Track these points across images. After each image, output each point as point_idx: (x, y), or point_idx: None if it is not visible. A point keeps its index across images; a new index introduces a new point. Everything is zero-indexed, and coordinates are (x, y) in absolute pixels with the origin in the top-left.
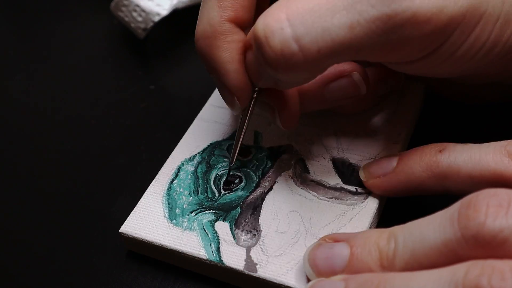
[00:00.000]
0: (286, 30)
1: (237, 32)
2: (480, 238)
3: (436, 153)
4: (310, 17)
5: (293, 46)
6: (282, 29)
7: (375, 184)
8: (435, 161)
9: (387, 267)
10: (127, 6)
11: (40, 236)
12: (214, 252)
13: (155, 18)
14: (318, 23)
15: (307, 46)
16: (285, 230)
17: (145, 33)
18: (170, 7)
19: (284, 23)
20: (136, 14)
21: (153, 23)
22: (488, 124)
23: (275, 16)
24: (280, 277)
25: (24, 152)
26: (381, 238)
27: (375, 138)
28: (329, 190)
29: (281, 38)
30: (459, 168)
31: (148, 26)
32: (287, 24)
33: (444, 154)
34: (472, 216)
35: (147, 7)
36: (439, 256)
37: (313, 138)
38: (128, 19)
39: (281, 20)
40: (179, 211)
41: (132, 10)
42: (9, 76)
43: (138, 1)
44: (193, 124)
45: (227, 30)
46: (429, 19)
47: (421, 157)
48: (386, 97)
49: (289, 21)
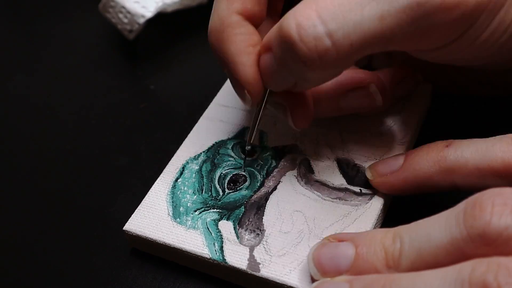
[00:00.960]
0: (319, 27)
1: (246, 25)
2: (486, 236)
3: (442, 148)
4: (340, 12)
5: (326, 42)
6: (315, 26)
7: (382, 182)
8: (442, 155)
9: (393, 266)
10: (113, 8)
11: (39, 236)
12: (218, 251)
13: (140, 20)
14: (348, 17)
15: (340, 41)
16: (288, 230)
17: (132, 35)
18: (155, 9)
19: (316, 20)
20: (122, 15)
21: (138, 25)
22: (494, 124)
23: (306, 14)
24: (283, 277)
25: (24, 152)
26: (386, 238)
27: (380, 139)
28: (334, 191)
29: (315, 35)
30: (467, 161)
31: (134, 28)
32: (319, 21)
33: (450, 148)
34: (478, 215)
35: (132, 9)
36: (446, 255)
37: (318, 138)
38: (115, 21)
39: (312, 18)
40: (183, 209)
41: (118, 11)
42: (9, 76)
43: (123, 3)
44: (198, 123)
45: (234, 23)
46: (458, 4)
47: (428, 153)
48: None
49: (320, 18)
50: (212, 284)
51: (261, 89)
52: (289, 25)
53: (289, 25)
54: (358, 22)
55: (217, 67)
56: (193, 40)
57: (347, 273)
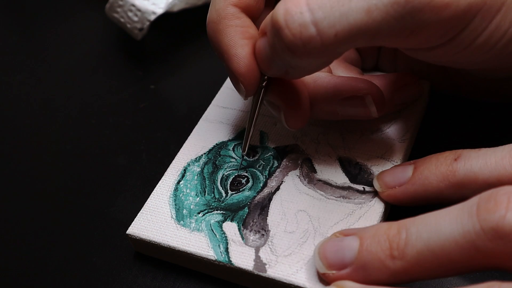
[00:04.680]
0: (305, 14)
1: (242, 17)
2: (500, 230)
3: (451, 162)
4: (328, 2)
5: (311, 29)
6: (301, 13)
7: (391, 195)
8: (451, 170)
9: (397, 256)
10: (122, 7)
11: (39, 236)
12: (223, 252)
13: (151, 17)
14: (336, 7)
15: (324, 30)
16: (293, 229)
17: (141, 34)
18: (166, 5)
19: (303, 7)
20: (132, 14)
21: (149, 22)
22: (494, 119)
23: (295, 1)
24: (290, 277)
25: (24, 152)
26: (391, 229)
27: (381, 136)
28: (337, 189)
29: (300, 22)
30: (476, 176)
31: (144, 25)
32: (306, 9)
33: (459, 162)
34: (493, 209)
35: (143, 6)
36: (456, 247)
37: (319, 137)
38: (124, 20)
39: (301, 5)
40: (187, 212)
41: (127, 10)
42: (9, 76)
43: (133, 1)
44: (198, 125)
45: (230, 15)
46: (448, 4)
47: (437, 167)
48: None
49: (308, 6)
50: (212, 284)
51: (256, 81)
52: (278, 11)
53: (278, 10)
54: (345, 13)
55: (218, 67)
56: (194, 40)
57: (351, 265)
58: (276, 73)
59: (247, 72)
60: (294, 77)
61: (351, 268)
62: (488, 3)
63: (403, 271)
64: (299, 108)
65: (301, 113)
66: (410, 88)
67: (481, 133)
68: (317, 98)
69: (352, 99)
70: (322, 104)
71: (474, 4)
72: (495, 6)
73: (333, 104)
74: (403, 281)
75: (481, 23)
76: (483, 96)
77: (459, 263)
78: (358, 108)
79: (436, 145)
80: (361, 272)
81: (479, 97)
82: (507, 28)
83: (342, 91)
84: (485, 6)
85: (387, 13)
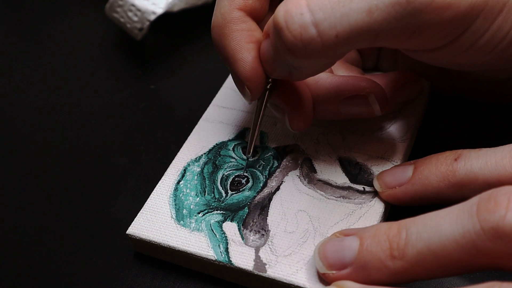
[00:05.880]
0: (306, 15)
1: (247, 21)
2: (500, 230)
3: (451, 162)
4: (329, 3)
5: (312, 31)
6: (301, 14)
7: (391, 195)
8: (451, 170)
9: (398, 256)
10: (122, 6)
11: (39, 236)
12: (223, 252)
13: (151, 17)
14: (336, 8)
15: (325, 31)
16: (293, 229)
17: (141, 34)
18: (166, 5)
19: (303, 8)
20: (132, 14)
21: (149, 22)
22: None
23: (295, 2)
24: (290, 277)
25: (24, 152)
26: (391, 229)
27: (381, 136)
28: (337, 189)
29: (301, 23)
30: (476, 176)
31: (144, 25)
32: (307, 10)
33: (459, 162)
34: (493, 209)
35: (143, 6)
36: (456, 246)
37: (319, 137)
38: (124, 20)
39: (301, 6)
40: (186, 212)
41: (127, 10)
42: (9, 76)
43: (133, 1)
44: (198, 125)
45: (236, 19)
46: (449, 5)
47: (437, 167)
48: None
49: (309, 7)
50: (212, 284)
51: (261, 85)
52: (279, 12)
53: (279, 11)
54: (345, 13)
55: (218, 66)
56: (194, 40)
57: (351, 266)
58: (280, 74)
59: (253, 76)
60: (298, 78)
61: (351, 268)
62: (490, 4)
63: (403, 271)
64: (303, 110)
65: (304, 115)
66: (411, 86)
67: (481, 133)
68: (319, 98)
69: (354, 98)
70: (325, 104)
71: (476, 5)
72: (497, 7)
73: (336, 104)
74: (403, 281)
75: (483, 25)
76: (484, 98)
77: (459, 263)
78: (361, 107)
79: (436, 145)
80: (361, 272)
81: (480, 98)
82: (508, 29)
83: (344, 91)
84: (487, 7)
85: (388, 13)
